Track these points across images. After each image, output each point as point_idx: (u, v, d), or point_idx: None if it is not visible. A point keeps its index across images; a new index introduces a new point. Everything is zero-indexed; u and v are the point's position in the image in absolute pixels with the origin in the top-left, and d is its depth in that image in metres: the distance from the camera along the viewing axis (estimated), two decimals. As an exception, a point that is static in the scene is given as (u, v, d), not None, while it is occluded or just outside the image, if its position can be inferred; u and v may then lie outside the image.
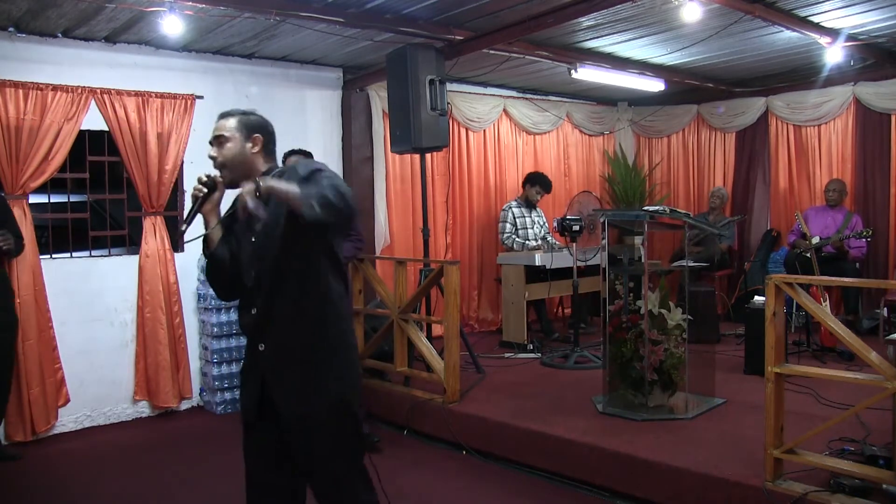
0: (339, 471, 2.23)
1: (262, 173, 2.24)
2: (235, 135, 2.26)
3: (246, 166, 2.25)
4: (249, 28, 4.73)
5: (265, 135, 2.31)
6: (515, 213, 6.43)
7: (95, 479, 3.95)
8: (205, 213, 2.25)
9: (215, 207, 2.25)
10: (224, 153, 2.25)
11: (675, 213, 4.20)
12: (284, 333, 2.16)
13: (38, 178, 4.59)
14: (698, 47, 5.50)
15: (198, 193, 2.21)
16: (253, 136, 2.28)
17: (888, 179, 6.29)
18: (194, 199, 2.21)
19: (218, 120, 2.30)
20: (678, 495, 3.16)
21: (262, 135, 2.30)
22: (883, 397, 2.66)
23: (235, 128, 2.27)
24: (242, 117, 2.30)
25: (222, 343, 5.23)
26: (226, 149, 2.25)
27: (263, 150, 2.29)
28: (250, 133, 2.28)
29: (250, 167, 2.25)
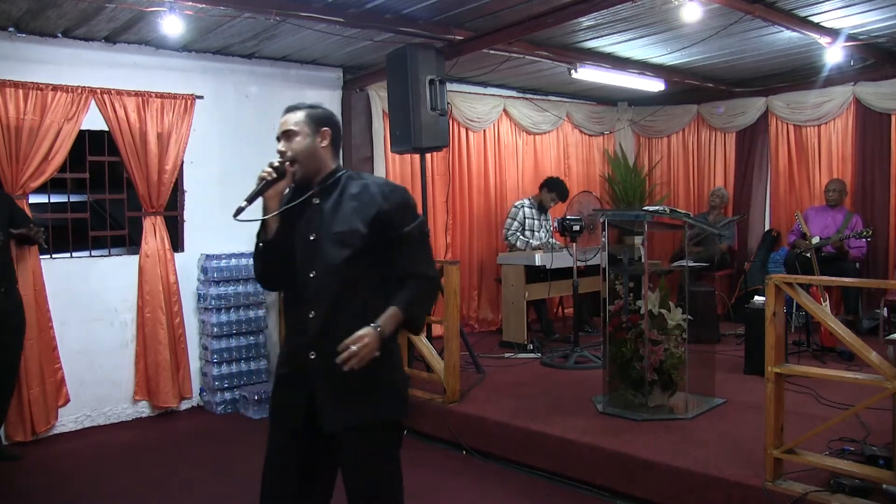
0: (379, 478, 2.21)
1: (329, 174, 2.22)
2: (304, 129, 2.19)
3: (316, 161, 2.20)
4: (249, 28, 4.73)
5: (333, 128, 2.24)
6: (526, 214, 6.41)
7: (95, 479, 3.95)
8: (267, 198, 2.16)
9: (278, 195, 2.18)
10: (293, 147, 2.18)
11: (675, 213, 4.20)
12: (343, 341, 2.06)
13: (38, 178, 4.59)
14: (698, 47, 5.50)
15: (266, 176, 2.13)
16: (322, 130, 2.21)
17: (888, 179, 6.29)
18: (261, 180, 2.13)
19: (284, 114, 2.24)
20: (678, 495, 3.16)
21: (330, 128, 2.23)
22: (883, 397, 2.66)
23: (304, 121, 2.20)
24: (310, 111, 2.23)
25: (222, 343, 5.24)
26: (295, 143, 2.18)
27: (332, 144, 2.24)
28: (319, 126, 2.21)
29: (320, 162, 2.21)
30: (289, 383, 2.21)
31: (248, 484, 3.77)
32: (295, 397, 2.17)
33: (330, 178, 2.21)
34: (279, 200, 2.18)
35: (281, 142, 2.20)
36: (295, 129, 2.19)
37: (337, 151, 2.27)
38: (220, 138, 5.44)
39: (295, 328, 2.20)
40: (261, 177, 2.14)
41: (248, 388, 5.25)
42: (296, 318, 2.18)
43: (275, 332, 5.66)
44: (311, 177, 2.20)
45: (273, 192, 2.15)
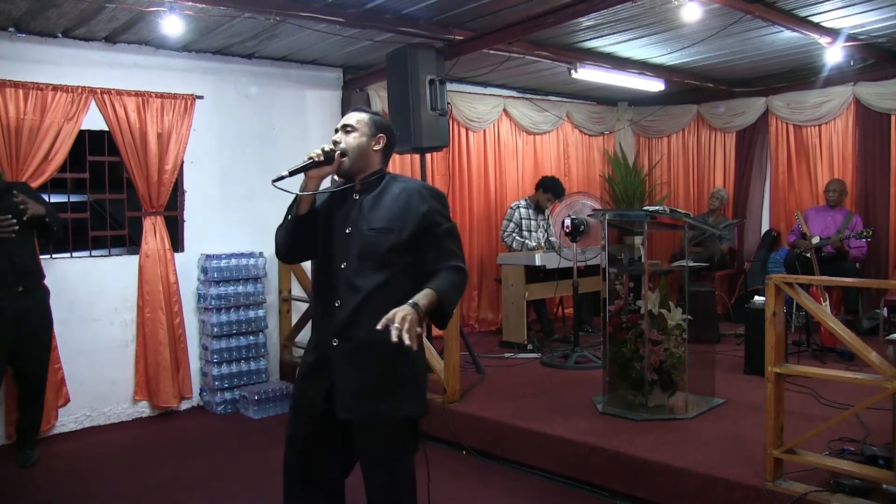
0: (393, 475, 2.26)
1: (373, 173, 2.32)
2: (364, 128, 2.32)
3: (365, 160, 2.31)
4: (249, 28, 4.73)
5: (389, 137, 2.38)
6: (522, 214, 6.42)
7: (95, 479, 3.95)
8: (308, 177, 2.24)
9: (319, 178, 2.26)
10: (349, 141, 2.30)
11: (675, 213, 4.20)
12: (368, 333, 2.12)
13: (38, 178, 4.59)
14: (698, 47, 5.50)
15: (315, 157, 2.21)
16: (378, 135, 2.34)
17: (888, 179, 6.29)
18: (308, 158, 2.22)
19: (351, 111, 2.38)
20: (678, 495, 3.16)
21: (386, 136, 2.36)
22: (883, 397, 2.66)
23: (366, 122, 2.34)
24: (375, 116, 2.38)
25: (222, 343, 5.24)
26: (351, 137, 2.30)
27: (383, 151, 2.36)
28: (377, 132, 2.34)
29: (368, 162, 2.31)
30: (313, 370, 2.30)
31: (248, 484, 3.79)
32: (317, 383, 2.26)
33: (373, 176, 2.32)
34: (319, 183, 2.27)
35: (338, 133, 2.32)
36: (355, 125, 2.32)
37: (387, 159, 2.40)
38: (220, 138, 5.44)
39: (322, 317, 2.28)
40: (309, 156, 2.22)
41: (248, 388, 5.25)
42: (323, 306, 2.27)
43: (275, 332, 5.66)
44: (356, 173, 2.31)
45: (315, 173, 2.24)
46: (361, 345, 2.19)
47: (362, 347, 2.19)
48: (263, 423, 4.97)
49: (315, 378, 2.28)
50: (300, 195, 2.25)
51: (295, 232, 2.29)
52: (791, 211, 6.80)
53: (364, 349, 2.19)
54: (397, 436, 2.25)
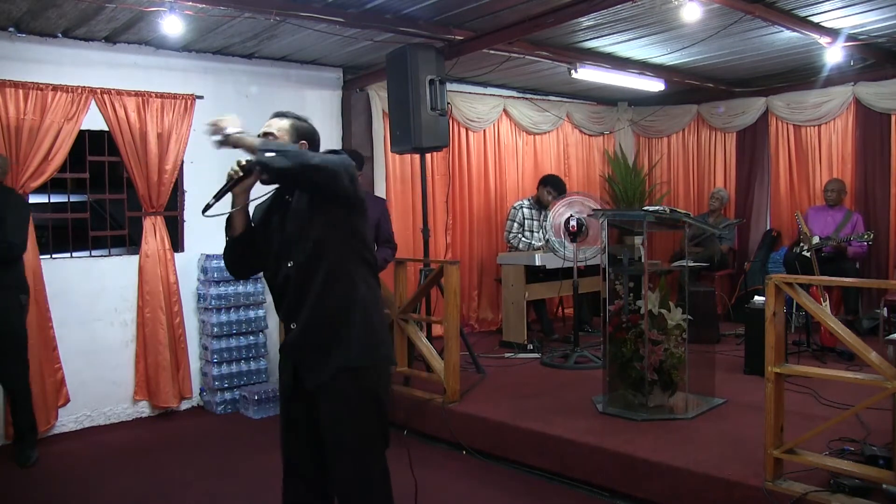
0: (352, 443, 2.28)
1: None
2: (284, 136, 2.36)
3: None
4: (249, 28, 4.73)
5: (312, 143, 2.42)
6: (525, 214, 6.42)
7: (95, 479, 3.95)
8: (235, 194, 2.30)
9: (245, 192, 2.32)
10: None
11: (675, 213, 4.19)
12: (313, 311, 2.28)
13: (38, 178, 4.59)
14: (698, 47, 5.50)
15: (233, 174, 2.26)
16: (300, 142, 2.38)
17: (888, 179, 6.28)
18: (229, 177, 2.26)
19: (272, 117, 2.42)
20: (678, 495, 3.16)
21: (308, 143, 2.41)
22: (883, 397, 2.66)
23: (286, 129, 2.38)
24: (296, 122, 2.42)
25: (222, 343, 5.24)
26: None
27: None
28: (299, 138, 2.38)
29: None
30: (282, 354, 2.44)
31: (249, 484, 3.79)
32: (286, 365, 2.40)
33: None
34: (246, 197, 2.33)
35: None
36: (276, 133, 2.37)
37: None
38: (220, 138, 5.43)
39: (280, 310, 2.40)
40: (229, 174, 2.27)
41: (248, 388, 5.25)
42: (279, 302, 2.39)
43: (275, 332, 5.66)
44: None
45: (240, 188, 2.30)
46: (309, 323, 2.29)
47: (310, 325, 2.29)
48: (263, 423, 4.97)
49: (285, 360, 2.42)
50: (232, 213, 2.31)
51: (235, 250, 2.39)
52: (791, 211, 6.80)
53: (311, 326, 2.29)
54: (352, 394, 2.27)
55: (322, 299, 2.27)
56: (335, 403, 2.28)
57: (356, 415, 2.28)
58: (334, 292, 2.29)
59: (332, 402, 2.28)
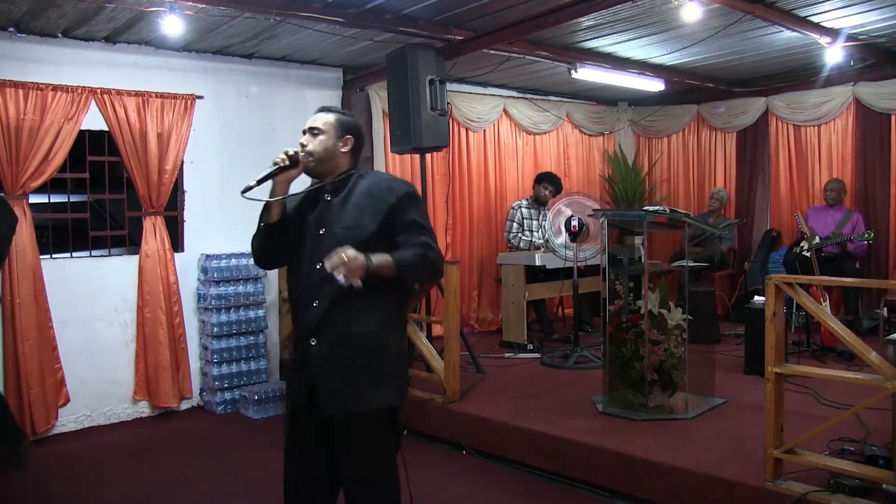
0: (374, 473, 2.27)
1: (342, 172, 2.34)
2: (330, 130, 2.34)
3: (333, 162, 2.33)
4: (249, 28, 4.73)
5: (357, 138, 2.39)
6: (524, 214, 6.42)
7: (95, 479, 3.95)
8: (276, 183, 2.27)
9: (287, 182, 2.28)
10: (315, 144, 2.31)
11: (675, 213, 4.20)
12: (344, 330, 2.20)
13: (38, 178, 4.59)
14: (698, 47, 5.50)
15: (280, 162, 2.24)
16: (345, 137, 2.35)
17: (888, 179, 6.28)
18: (274, 164, 2.24)
19: (317, 112, 2.39)
20: (678, 495, 3.16)
21: (354, 137, 2.37)
22: (883, 397, 2.66)
23: (332, 123, 2.35)
24: (341, 116, 2.38)
25: (222, 343, 5.24)
26: (318, 140, 2.32)
27: (351, 151, 2.38)
28: (344, 133, 2.36)
29: (336, 163, 2.34)
30: (295, 369, 2.33)
31: (249, 484, 3.79)
32: (299, 382, 2.29)
33: (342, 176, 2.34)
34: (287, 188, 2.29)
35: (305, 135, 2.34)
36: (322, 127, 2.33)
37: (356, 158, 2.41)
38: (220, 138, 5.44)
39: (300, 317, 2.29)
40: (274, 161, 2.24)
41: (248, 388, 5.25)
42: (301, 307, 2.28)
43: (275, 332, 5.66)
44: (325, 174, 2.33)
45: (283, 178, 2.26)
46: (338, 341, 2.21)
47: (339, 343, 2.21)
48: (263, 423, 4.97)
49: (298, 377, 2.32)
50: (270, 202, 2.27)
51: (268, 239, 2.33)
52: (791, 211, 6.80)
53: (340, 344, 2.21)
54: (376, 429, 2.25)
55: (358, 320, 2.20)
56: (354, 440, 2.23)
57: (376, 451, 2.26)
58: (373, 321, 2.22)
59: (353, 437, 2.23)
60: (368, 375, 2.21)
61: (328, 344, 2.21)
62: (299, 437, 2.32)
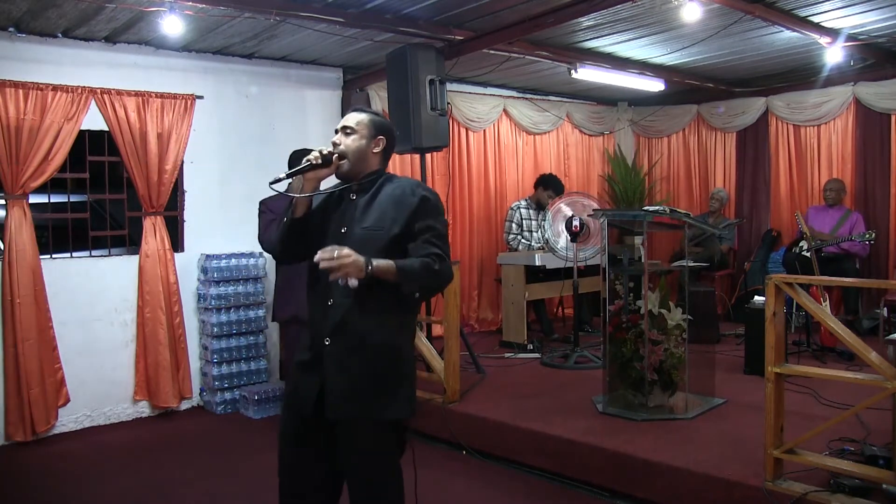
0: (377, 476, 2.26)
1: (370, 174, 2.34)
2: (363, 130, 2.32)
3: (364, 162, 2.33)
4: (249, 28, 4.73)
5: (389, 139, 2.38)
6: (522, 214, 6.42)
7: (95, 479, 3.95)
8: (306, 180, 2.27)
9: (317, 181, 2.29)
10: (348, 143, 2.31)
11: (675, 213, 4.20)
12: (360, 334, 2.19)
13: (38, 178, 4.59)
14: (698, 47, 5.50)
15: (313, 160, 2.24)
16: (378, 138, 2.34)
17: (888, 179, 6.29)
18: (307, 161, 2.24)
19: (351, 111, 2.38)
20: (678, 495, 3.16)
21: (386, 138, 2.36)
22: (883, 397, 2.66)
23: (365, 124, 2.34)
24: (375, 117, 2.37)
25: (222, 343, 5.24)
26: (350, 140, 2.31)
27: (383, 152, 2.37)
28: (377, 133, 2.35)
29: (367, 164, 2.33)
30: (306, 369, 2.29)
31: (249, 484, 3.79)
32: (309, 382, 2.26)
33: (370, 177, 2.33)
34: (316, 185, 2.30)
35: (338, 134, 2.33)
36: (355, 127, 2.32)
37: (386, 160, 2.40)
38: (220, 138, 5.44)
39: (316, 316, 2.28)
40: (307, 159, 2.24)
41: (248, 388, 5.25)
42: (318, 306, 2.27)
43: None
44: (355, 175, 2.32)
45: (313, 175, 2.26)
46: (353, 345, 2.20)
47: (354, 347, 2.20)
48: (263, 423, 4.97)
49: (308, 377, 2.28)
50: (297, 198, 2.26)
51: (291, 233, 2.31)
52: (791, 211, 6.80)
53: (356, 349, 2.20)
54: (383, 437, 2.25)
55: (375, 326, 2.20)
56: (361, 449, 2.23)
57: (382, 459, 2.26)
58: (386, 329, 2.22)
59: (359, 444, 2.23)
60: (381, 384, 2.20)
61: (342, 346, 2.20)
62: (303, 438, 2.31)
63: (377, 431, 2.23)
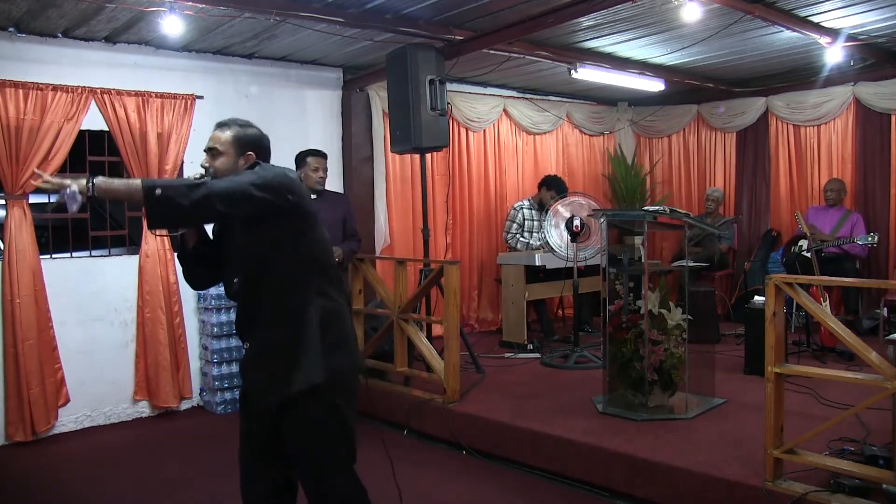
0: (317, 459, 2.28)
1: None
2: (229, 150, 2.31)
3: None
4: (249, 28, 4.73)
5: (259, 151, 2.36)
6: (525, 215, 6.42)
7: (95, 479, 3.95)
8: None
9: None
10: (216, 165, 2.31)
11: (675, 213, 4.20)
12: (264, 332, 2.28)
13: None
14: (698, 47, 5.50)
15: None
16: (247, 154, 2.33)
17: (888, 179, 6.29)
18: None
19: (214, 129, 2.35)
20: (678, 495, 3.16)
21: (255, 152, 2.35)
22: (883, 397, 2.66)
23: (230, 142, 2.32)
24: (239, 131, 2.34)
25: (222, 343, 5.24)
26: (218, 162, 2.31)
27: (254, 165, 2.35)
28: (244, 150, 2.33)
29: None
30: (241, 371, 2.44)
31: (248, 484, 3.78)
32: (243, 383, 2.42)
33: None
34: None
35: (206, 155, 2.33)
36: (220, 148, 2.31)
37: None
38: (220, 138, 5.43)
39: (237, 328, 2.43)
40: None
41: (248, 388, 5.24)
42: (236, 317, 2.41)
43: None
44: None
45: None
46: (260, 335, 2.29)
47: (260, 336, 2.29)
48: (263, 423, 4.97)
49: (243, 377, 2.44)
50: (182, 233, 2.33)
51: (187, 263, 2.39)
52: (791, 211, 6.80)
53: (261, 341, 2.29)
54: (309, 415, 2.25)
55: (271, 320, 2.26)
56: (295, 427, 2.27)
57: (317, 436, 2.27)
58: (283, 313, 2.26)
59: (292, 425, 2.27)
60: (284, 368, 2.22)
61: (254, 346, 2.31)
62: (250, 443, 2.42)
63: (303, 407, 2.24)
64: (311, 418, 2.25)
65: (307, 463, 2.28)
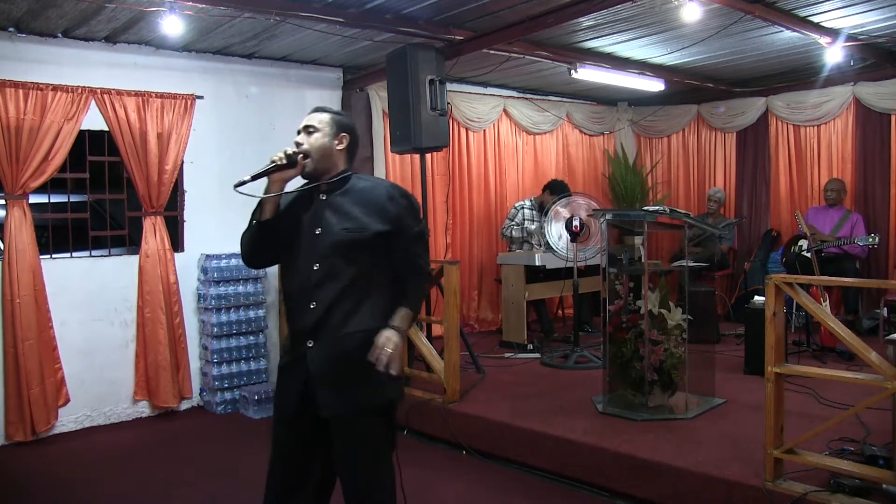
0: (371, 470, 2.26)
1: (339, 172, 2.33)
2: (325, 128, 2.32)
3: (329, 160, 2.32)
4: (249, 28, 4.73)
5: (352, 136, 2.38)
6: (526, 215, 6.42)
7: (95, 479, 3.95)
8: (271, 181, 2.26)
9: (282, 181, 2.28)
10: (311, 142, 2.30)
11: (675, 213, 4.20)
12: (341, 331, 2.20)
13: (39, 178, 4.59)
14: (698, 47, 5.50)
15: (277, 161, 2.23)
16: (340, 135, 2.34)
17: (888, 179, 6.29)
18: (271, 162, 2.24)
19: (311, 112, 2.38)
20: (678, 495, 3.16)
21: (349, 135, 2.37)
22: (883, 397, 2.66)
23: (327, 122, 2.34)
24: (336, 115, 2.38)
25: (222, 343, 5.24)
26: (313, 138, 2.30)
27: (347, 150, 2.36)
28: (339, 131, 2.35)
29: (332, 162, 2.32)
30: (288, 372, 2.30)
31: (249, 484, 3.79)
32: (292, 385, 2.27)
33: (338, 176, 2.32)
34: (282, 186, 2.29)
35: (300, 135, 2.32)
36: (317, 126, 2.32)
37: (351, 158, 2.39)
38: (220, 138, 5.44)
39: (296, 319, 2.28)
40: (272, 159, 2.24)
41: (248, 388, 5.25)
42: (297, 308, 2.26)
43: (275, 332, 5.66)
44: (320, 174, 2.31)
45: (278, 177, 2.26)
46: (336, 340, 2.20)
47: (337, 342, 2.20)
48: (263, 423, 4.96)
49: (290, 380, 2.28)
50: (264, 199, 2.26)
51: (259, 237, 2.32)
52: (791, 211, 6.80)
53: (339, 343, 2.20)
54: (375, 429, 2.24)
55: (354, 317, 2.21)
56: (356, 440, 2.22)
57: (376, 449, 2.25)
58: (367, 315, 2.22)
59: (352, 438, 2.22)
60: (365, 374, 2.19)
61: (325, 345, 2.20)
62: (293, 440, 2.30)
63: (370, 422, 2.23)
64: (375, 434, 2.24)
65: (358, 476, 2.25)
